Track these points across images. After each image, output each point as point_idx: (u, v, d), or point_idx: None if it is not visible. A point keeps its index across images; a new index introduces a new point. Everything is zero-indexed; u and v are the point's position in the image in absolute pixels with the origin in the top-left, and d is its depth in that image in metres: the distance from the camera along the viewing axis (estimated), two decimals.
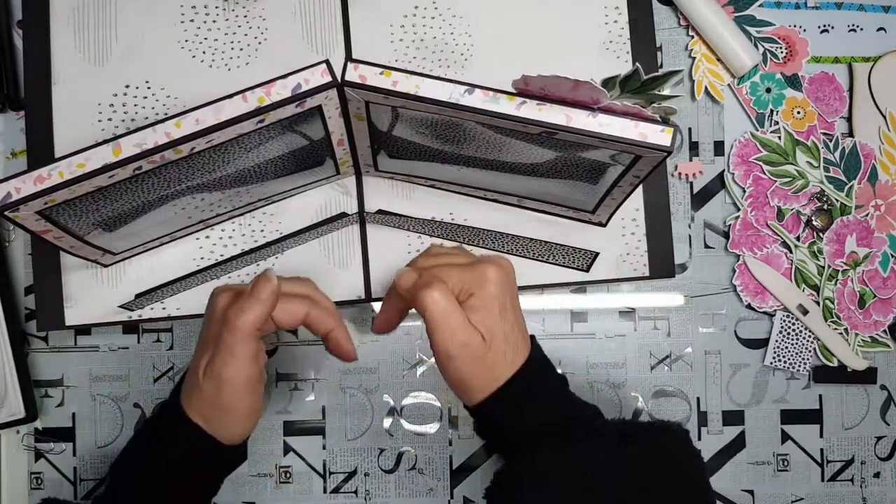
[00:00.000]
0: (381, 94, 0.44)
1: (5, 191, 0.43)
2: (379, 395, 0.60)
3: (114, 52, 0.58)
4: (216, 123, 0.43)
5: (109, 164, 0.43)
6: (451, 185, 0.57)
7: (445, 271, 0.45)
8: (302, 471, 0.60)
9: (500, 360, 0.45)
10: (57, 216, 0.47)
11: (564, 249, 0.57)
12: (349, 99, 0.46)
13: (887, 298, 0.60)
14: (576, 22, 0.59)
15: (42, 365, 0.60)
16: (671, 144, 0.43)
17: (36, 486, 0.60)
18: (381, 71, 0.44)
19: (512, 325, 0.45)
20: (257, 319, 0.45)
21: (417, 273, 0.45)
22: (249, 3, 0.59)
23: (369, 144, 0.52)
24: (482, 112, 0.43)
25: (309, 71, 0.44)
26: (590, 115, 0.43)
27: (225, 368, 0.44)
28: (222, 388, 0.45)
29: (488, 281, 0.44)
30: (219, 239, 0.58)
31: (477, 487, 0.60)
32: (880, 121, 0.60)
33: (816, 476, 0.61)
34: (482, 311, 0.44)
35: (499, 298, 0.44)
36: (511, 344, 0.45)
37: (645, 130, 0.43)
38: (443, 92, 0.44)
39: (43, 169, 0.43)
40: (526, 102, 0.43)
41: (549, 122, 0.43)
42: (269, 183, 0.54)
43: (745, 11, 0.60)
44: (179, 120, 0.43)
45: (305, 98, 0.44)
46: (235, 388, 0.45)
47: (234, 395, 0.45)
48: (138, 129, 0.43)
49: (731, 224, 0.60)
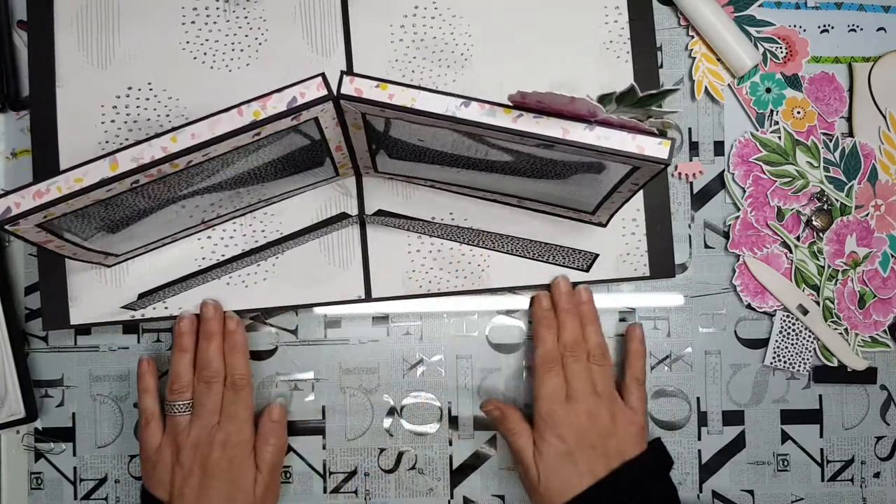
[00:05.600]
0: (378, 107, 0.44)
1: (5, 205, 0.43)
2: (379, 395, 0.60)
3: (116, 54, 0.58)
4: (212, 138, 0.43)
5: (107, 179, 0.43)
6: (451, 185, 0.57)
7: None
8: (302, 471, 0.60)
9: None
10: (57, 227, 0.47)
11: (564, 250, 0.57)
12: (345, 111, 0.46)
13: (887, 298, 0.60)
14: (576, 22, 0.59)
15: (42, 365, 0.60)
16: (669, 157, 0.43)
17: (36, 486, 0.60)
18: (377, 84, 0.43)
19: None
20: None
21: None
22: (250, 5, 0.59)
23: (367, 149, 0.52)
24: (479, 125, 0.43)
25: (304, 84, 0.44)
26: (587, 128, 0.43)
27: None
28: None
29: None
30: (220, 239, 0.58)
31: (477, 487, 0.60)
32: (880, 121, 0.60)
33: (816, 476, 0.61)
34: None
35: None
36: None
37: (642, 143, 0.43)
38: (439, 105, 0.43)
39: (41, 184, 0.43)
40: (523, 115, 0.43)
41: (546, 136, 0.43)
42: (269, 184, 0.54)
43: (745, 11, 0.60)
44: (175, 135, 0.43)
45: (301, 111, 0.44)
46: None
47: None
48: (135, 143, 0.44)
49: (731, 224, 0.60)
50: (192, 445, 0.53)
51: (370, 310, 0.60)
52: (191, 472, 0.53)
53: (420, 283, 0.58)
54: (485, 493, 0.60)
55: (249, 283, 0.58)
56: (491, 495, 0.60)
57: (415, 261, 0.58)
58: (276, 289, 0.58)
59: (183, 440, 0.54)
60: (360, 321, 0.60)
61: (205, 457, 0.53)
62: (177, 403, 0.55)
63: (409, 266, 0.58)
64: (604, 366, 0.56)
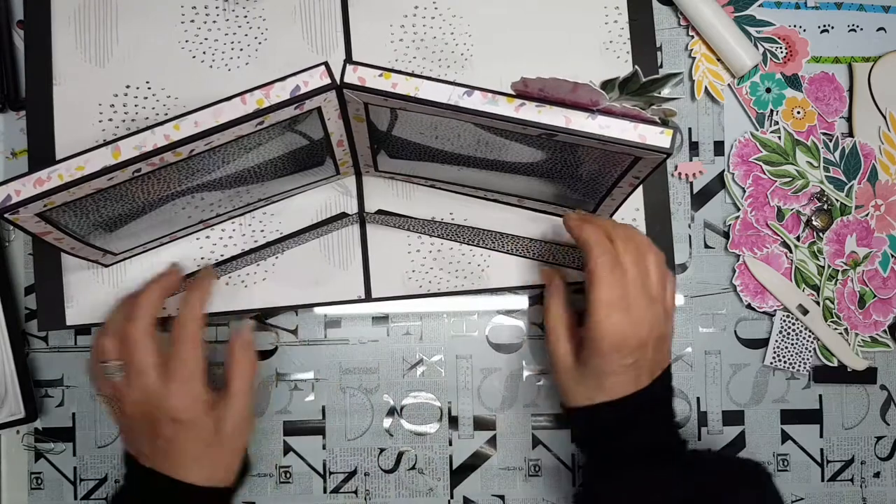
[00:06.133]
0: (381, 95, 0.44)
1: (5, 193, 0.43)
2: (379, 395, 0.60)
3: (114, 53, 0.58)
4: (215, 126, 0.43)
5: (109, 167, 0.43)
6: (452, 185, 0.57)
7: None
8: (302, 471, 0.60)
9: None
10: (57, 218, 0.47)
11: (564, 249, 0.57)
12: (348, 101, 0.46)
13: (887, 298, 0.60)
14: (576, 22, 0.59)
15: (42, 365, 0.60)
16: (671, 146, 0.43)
17: (36, 486, 0.60)
18: (381, 73, 0.44)
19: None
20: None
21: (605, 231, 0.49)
22: (249, 4, 0.59)
23: (369, 145, 0.52)
24: (481, 114, 0.43)
25: (308, 73, 0.44)
26: (589, 116, 0.43)
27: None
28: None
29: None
30: (219, 239, 0.58)
31: (477, 487, 0.60)
32: (880, 121, 0.60)
33: (816, 476, 0.61)
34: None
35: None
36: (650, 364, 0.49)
37: (644, 132, 0.43)
38: (442, 94, 0.44)
39: (42, 171, 0.43)
40: (525, 104, 0.43)
41: (549, 124, 0.43)
42: (269, 183, 0.54)
43: (745, 11, 0.60)
44: (178, 122, 0.43)
45: (304, 100, 0.44)
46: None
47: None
48: (137, 131, 0.43)
49: (731, 224, 0.60)
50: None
51: (370, 310, 0.60)
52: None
53: (420, 283, 0.58)
54: (485, 493, 0.60)
55: (249, 282, 0.58)
56: (491, 495, 0.60)
57: (415, 261, 0.58)
58: (275, 289, 0.58)
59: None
60: (360, 321, 0.60)
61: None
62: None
63: (409, 266, 0.58)
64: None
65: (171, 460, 0.48)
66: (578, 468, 0.60)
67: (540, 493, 0.60)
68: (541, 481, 0.60)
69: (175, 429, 0.48)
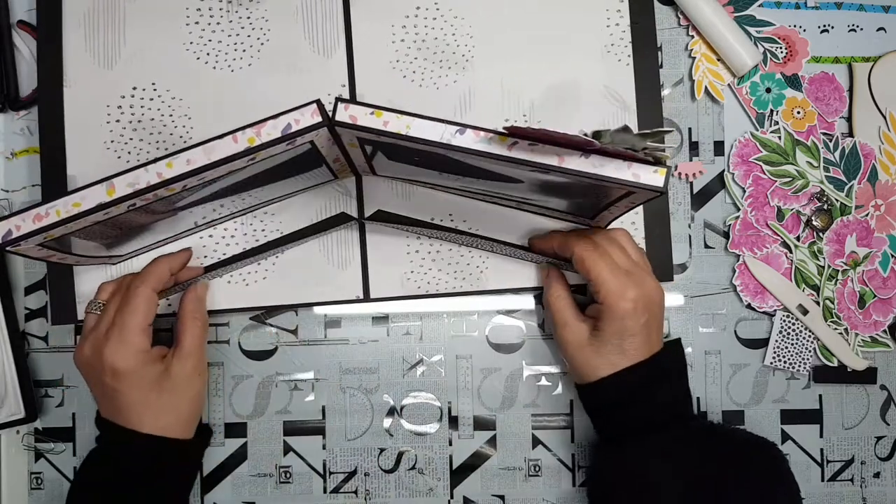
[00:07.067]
0: (372, 133, 0.44)
1: (6, 228, 0.45)
2: (379, 395, 0.60)
3: (122, 55, 0.58)
4: (207, 164, 0.44)
5: (104, 204, 0.44)
6: (450, 189, 0.57)
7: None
8: (302, 471, 0.60)
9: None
10: (58, 245, 0.48)
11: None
12: (340, 134, 0.46)
13: (887, 298, 0.60)
14: (577, 24, 0.59)
15: (42, 365, 0.60)
16: (664, 185, 0.43)
17: (36, 486, 0.60)
18: (372, 111, 0.43)
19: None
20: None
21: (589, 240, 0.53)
22: (252, 5, 0.59)
23: (365, 160, 0.53)
24: (474, 152, 0.43)
25: (299, 111, 0.44)
26: (582, 155, 0.43)
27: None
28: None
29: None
30: (221, 238, 0.58)
31: (477, 487, 0.60)
32: (880, 121, 0.60)
33: (816, 476, 0.61)
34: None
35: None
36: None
37: (638, 171, 0.43)
38: (434, 132, 0.44)
39: (40, 207, 0.45)
40: (518, 143, 0.43)
41: (542, 163, 0.43)
42: (268, 188, 0.54)
43: (745, 11, 0.60)
44: (171, 160, 0.44)
45: (296, 137, 0.44)
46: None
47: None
48: (131, 168, 0.44)
49: (731, 224, 0.60)
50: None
51: (370, 310, 0.60)
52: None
53: (419, 284, 0.58)
54: (485, 493, 0.60)
55: (250, 281, 0.58)
56: (491, 495, 0.60)
57: (413, 262, 0.58)
58: (275, 288, 0.58)
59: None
60: (359, 321, 0.60)
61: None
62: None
63: (408, 267, 0.58)
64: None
65: (119, 410, 0.51)
66: (579, 468, 0.60)
67: (540, 493, 0.60)
68: (541, 481, 0.60)
69: (116, 378, 0.51)
